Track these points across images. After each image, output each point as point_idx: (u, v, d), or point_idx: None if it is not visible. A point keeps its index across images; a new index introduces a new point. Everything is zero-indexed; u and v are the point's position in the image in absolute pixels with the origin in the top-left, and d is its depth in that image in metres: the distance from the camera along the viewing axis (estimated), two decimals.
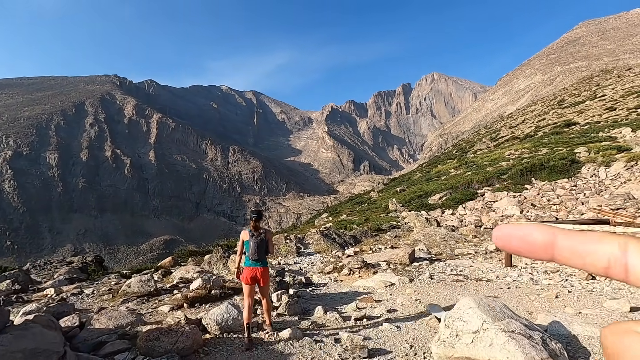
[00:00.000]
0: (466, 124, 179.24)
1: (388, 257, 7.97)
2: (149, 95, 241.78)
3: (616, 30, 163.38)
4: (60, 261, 10.24)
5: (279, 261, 9.37)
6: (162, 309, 5.49)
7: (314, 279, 7.39)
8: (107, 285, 7.58)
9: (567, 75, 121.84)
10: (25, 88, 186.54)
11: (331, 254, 9.51)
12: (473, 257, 7.93)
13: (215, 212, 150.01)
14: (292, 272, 7.93)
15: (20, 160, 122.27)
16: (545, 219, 8.78)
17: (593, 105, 44.18)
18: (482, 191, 15.28)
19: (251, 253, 4.45)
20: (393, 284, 6.53)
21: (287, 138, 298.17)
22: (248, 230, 4.58)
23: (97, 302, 6.38)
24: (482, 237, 8.68)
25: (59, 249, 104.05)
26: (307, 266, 8.76)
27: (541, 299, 5.42)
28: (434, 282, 6.63)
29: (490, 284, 6.32)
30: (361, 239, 10.42)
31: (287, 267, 8.56)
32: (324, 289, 6.64)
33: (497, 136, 54.05)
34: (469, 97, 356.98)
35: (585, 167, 13.62)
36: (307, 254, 10.05)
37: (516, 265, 7.32)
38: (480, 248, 8.46)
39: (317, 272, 7.98)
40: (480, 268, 7.24)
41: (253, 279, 4.53)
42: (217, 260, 8.88)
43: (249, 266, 4.51)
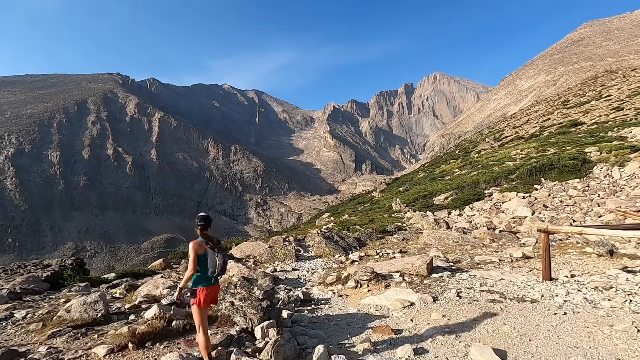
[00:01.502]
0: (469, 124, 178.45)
1: (401, 266, 6.94)
2: (151, 94, 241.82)
3: (620, 31, 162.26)
4: (36, 264, 9.55)
5: (275, 267, 8.59)
6: (96, 352, 4.03)
7: (314, 291, 6.47)
8: (55, 305, 6.13)
9: (571, 75, 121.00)
10: (28, 86, 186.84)
11: (333, 259, 8.83)
12: (498, 266, 6.91)
13: (217, 211, 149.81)
14: (288, 283, 7.20)
15: (22, 158, 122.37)
16: (562, 221, 8.33)
17: (599, 105, 43.59)
18: (489, 191, 14.84)
19: (217, 269, 3.69)
20: (412, 303, 5.37)
21: (289, 137, 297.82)
22: (202, 241, 3.81)
23: (21, 334, 4.93)
24: (500, 241, 7.79)
25: (60, 247, 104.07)
26: (307, 273, 7.94)
27: (621, 334, 4.12)
28: (465, 302, 5.37)
29: (537, 307, 5.05)
30: (366, 242, 9.75)
31: (284, 275, 7.82)
32: (326, 308, 5.54)
33: (500, 136, 53.50)
34: (472, 98, 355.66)
35: (597, 167, 13.17)
36: (307, 258, 9.33)
37: (555, 279, 6.14)
38: (504, 255, 7.42)
39: (318, 282, 7.06)
40: (514, 282, 6.10)
41: (212, 301, 3.81)
42: None
43: (211, 286, 3.74)
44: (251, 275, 6.86)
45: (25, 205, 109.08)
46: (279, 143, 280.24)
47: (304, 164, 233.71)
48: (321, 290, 6.47)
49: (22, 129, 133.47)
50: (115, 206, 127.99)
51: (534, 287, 5.86)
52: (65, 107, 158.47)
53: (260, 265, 8.90)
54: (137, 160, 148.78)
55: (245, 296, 4.71)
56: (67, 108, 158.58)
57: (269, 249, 9.70)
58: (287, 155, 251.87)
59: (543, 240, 5.35)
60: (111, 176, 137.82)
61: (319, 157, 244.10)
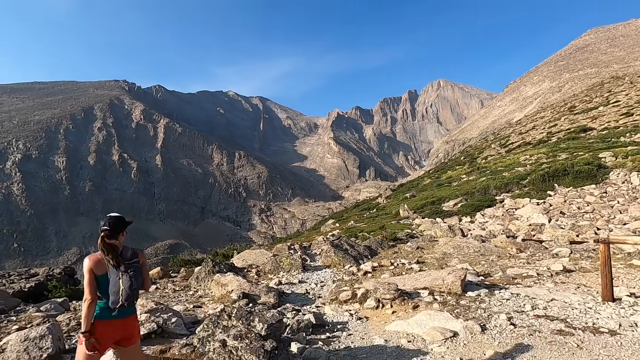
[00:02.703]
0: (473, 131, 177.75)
1: (428, 282, 5.85)
2: (157, 101, 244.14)
3: (626, 38, 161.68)
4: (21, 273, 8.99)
5: (280, 278, 7.80)
6: None
7: (326, 312, 5.39)
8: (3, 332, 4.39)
9: (576, 82, 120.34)
10: (36, 92, 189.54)
11: (344, 269, 8.14)
12: (539, 282, 5.87)
13: (221, 217, 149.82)
14: (295, 299, 6.31)
15: (29, 164, 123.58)
16: (585, 229, 7.92)
17: (607, 111, 43.05)
18: (500, 197, 14.45)
19: (120, 296, 2.47)
20: (455, 334, 4.15)
21: (293, 143, 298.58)
22: (103, 255, 2.56)
23: None
24: (528, 250, 6.93)
25: (65, 252, 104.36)
26: (316, 287, 7.14)
27: None
28: (523, 333, 4.08)
29: (623, 342, 3.76)
30: (377, 251, 9.13)
31: (290, 288, 7.07)
32: (344, 337, 4.45)
33: (506, 142, 52.97)
34: (476, 104, 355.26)
35: (614, 173, 12.78)
36: (314, 269, 8.64)
37: (618, 299, 4.96)
38: (540, 268, 6.43)
39: (330, 298, 6.05)
40: (570, 303, 4.96)
41: (119, 342, 2.57)
42: (206, 275, 7.53)
43: (113, 320, 2.51)
44: (253, 291, 6.03)
45: (31, 211, 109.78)
46: (283, 149, 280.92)
47: (307, 170, 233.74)
48: (335, 310, 5.46)
49: (30, 135, 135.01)
50: (120, 212, 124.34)
51: (599, 311, 4.71)
52: (72, 114, 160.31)
53: (264, 277, 8.33)
54: (142, 166, 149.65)
55: (242, 332, 3.48)
56: (74, 114, 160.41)
57: (273, 258, 9.10)
58: (291, 161, 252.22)
59: (602, 252, 4.51)
60: (116, 182, 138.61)
61: (322, 164, 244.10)
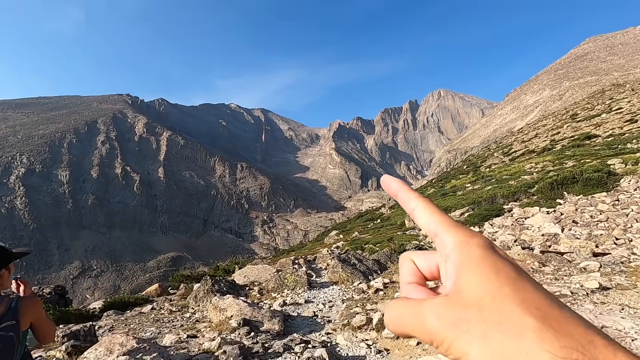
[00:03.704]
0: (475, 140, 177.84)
1: None
2: (160, 114, 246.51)
3: (624, 46, 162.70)
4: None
5: (285, 297, 7.24)
6: None
7: (339, 342, 4.73)
8: None
9: (577, 90, 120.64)
10: (40, 107, 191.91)
11: (352, 286, 7.57)
12: (575, 302, 4.96)
13: (223, 229, 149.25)
14: (302, 324, 5.64)
15: (32, 178, 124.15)
16: (603, 239, 7.58)
17: (610, 118, 42.83)
18: (508, 206, 14.12)
19: None
20: None
21: (295, 155, 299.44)
22: None
23: None
24: (551, 264, 6.36)
25: (67, 266, 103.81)
26: (324, 307, 6.53)
27: None
28: None
29: None
30: (386, 265, 8.60)
31: (296, 310, 6.48)
32: None
33: (509, 150, 52.70)
34: (476, 113, 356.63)
35: (625, 180, 12.47)
36: (321, 286, 8.08)
37: None
38: (572, 285, 5.54)
39: (342, 323, 5.35)
40: (624, 330, 4.04)
41: None
42: (204, 295, 7.07)
43: None
44: (254, 317, 5.44)
45: (34, 225, 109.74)
46: (285, 160, 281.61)
47: (309, 181, 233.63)
48: (349, 340, 4.76)
49: (34, 149, 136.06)
50: (122, 225, 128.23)
51: None
52: (75, 128, 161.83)
53: (267, 295, 7.81)
54: (145, 179, 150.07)
55: None
56: (77, 128, 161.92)
57: (276, 274, 8.57)
58: (293, 172, 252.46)
59: None
60: (119, 195, 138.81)
61: (324, 174, 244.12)
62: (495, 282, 0.31)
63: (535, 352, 0.26)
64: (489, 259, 0.33)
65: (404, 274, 0.41)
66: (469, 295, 0.31)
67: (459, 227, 0.37)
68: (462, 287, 0.32)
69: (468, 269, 0.32)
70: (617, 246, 7.02)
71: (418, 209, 0.40)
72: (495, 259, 0.33)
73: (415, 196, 0.41)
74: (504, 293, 0.29)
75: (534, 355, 0.26)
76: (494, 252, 0.34)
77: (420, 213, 0.39)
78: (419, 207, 0.40)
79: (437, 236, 0.37)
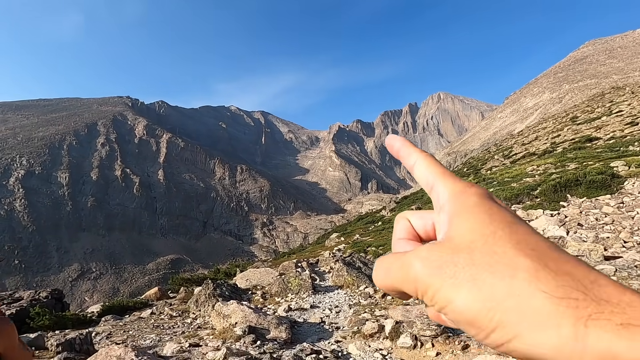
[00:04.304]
0: (474, 142, 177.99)
1: None
2: (160, 116, 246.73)
3: (624, 49, 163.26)
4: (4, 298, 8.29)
5: (289, 302, 7.01)
6: None
7: (351, 352, 4.48)
8: None
9: (577, 92, 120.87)
10: (40, 109, 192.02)
11: (359, 291, 7.32)
12: None
13: (222, 231, 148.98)
14: (310, 331, 5.31)
15: (32, 180, 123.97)
16: (611, 242, 7.51)
17: (610, 120, 42.83)
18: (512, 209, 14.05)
19: None
20: None
21: (295, 157, 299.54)
22: None
23: None
24: None
25: (66, 268, 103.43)
26: (331, 313, 6.28)
27: None
28: None
29: None
30: None
31: (301, 315, 6.23)
32: None
33: (510, 153, 52.65)
34: (476, 116, 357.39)
35: (629, 182, 12.39)
36: (325, 290, 7.83)
37: None
38: None
39: (352, 331, 5.01)
40: None
41: None
42: (206, 299, 6.89)
43: None
44: (260, 324, 5.17)
45: (33, 227, 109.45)
46: (285, 163, 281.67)
47: (309, 184, 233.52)
48: (362, 349, 4.46)
49: (33, 151, 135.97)
50: (122, 227, 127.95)
51: None
52: (75, 130, 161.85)
53: (270, 300, 7.59)
54: (145, 181, 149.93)
55: None
56: (77, 130, 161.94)
57: (279, 277, 8.36)
58: (293, 174, 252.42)
59: None
60: (118, 197, 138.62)
61: (324, 177, 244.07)
62: (489, 226, 0.28)
63: (528, 292, 0.23)
64: (484, 205, 0.30)
65: (397, 231, 0.39)
66: (459, 241, 0.28)
67: (456, 178, 0.34)
68: (454, 234, 0.29)
69: (461, 216, 0.30)
70: (627, 249, 6.92)
71: (418, 162, 0.38)
72: (491, 205, 0.30)
73: (417, 151, 0.40)
74: (498, 236, 0.27)
75: (527, 295, 0.23)
76: (491, 200, 0.31)
77: (419, 166, 0.38)
78: (418, 161, 0.38)
79: (432, 189, 0.35)
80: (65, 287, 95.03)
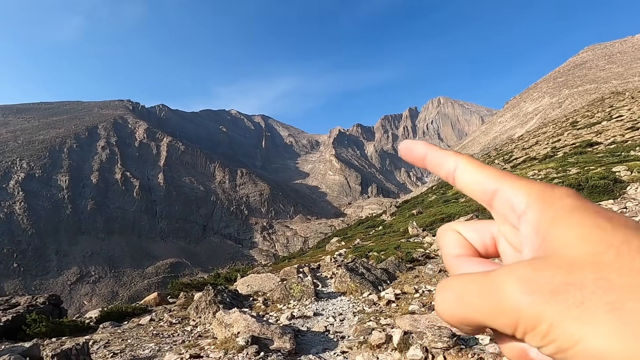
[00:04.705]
0: (474, 147, 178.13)
1: None
2: (160, 120, 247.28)
3: (623, 54, 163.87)
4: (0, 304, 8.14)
5: (292, 309, 6.82)
6: None
7: None
8: None
9: (576, 97, 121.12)
10: (41, 112, 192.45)
11: (362, 297, 7.15)
12: None
13: (222, 235, 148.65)
14: (314, 340, 5.14)
15: (32, 183, 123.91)
16: None
17: (611, 125, 42.85)
18: None
19: None
20: None
21: (295, 161, 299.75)
22: None
23: None
24: None
25: (65, 272, 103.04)
26: (335, 321, 6.08)
27: None
28: None
29: None
30: (395, 274, 8.19)
31: (305, 324, 6.02)
32: None
33: (510, 157, 52.65)
34: (476, 121, 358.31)
35: (631, 187, 12.33)
36: (328, 296, 7.64)
37: None
38: None
39: (358, 341, 4.82)
40: None
41: None
42: (206, 306, 6.73)
43: None
44: (264, 333, 4.96)
45: (32, 230, 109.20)
46: (285, 167, 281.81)
47: (309, 187, 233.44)
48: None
49: (34, 154, 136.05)
50: (121, 230, 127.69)
51: None
52: (76, 133, 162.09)
53: (272, 307, 7.42)
54: (145, 185, 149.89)
55: None
56: (78, 134, 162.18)
57: (281, 283, 8.21)
58: (293, 178, 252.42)
59: None
60: (118, 200, 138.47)
61: (324, 181, 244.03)
62: (613, 232, 0.19)
63: None
64: (588, 207, 0.22)
65: (448, 245, 0.31)
66: (574, 254, 0.19)
67: (527, 180, 0.26)
68: (559, 246, 0.21)
69: (561, 224, 0.21)
70: None
71: (461, 166, 0.31)
72: (595, 206, 0.22)
73: (454, 154, 0.32)
74: (635, 246, 0.18)
75: None
76: (590, 201, 0.23)
77: (465, 172, 0.30)
78: (461, 165, 0.31)
79: (496, 195, 0.27)
80: (64, 290, 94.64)
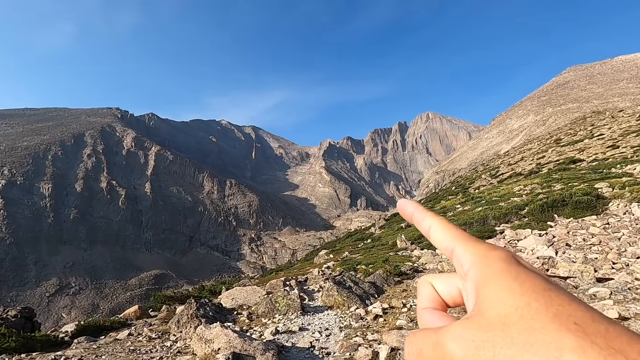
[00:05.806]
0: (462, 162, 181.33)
1: None
2: (149, 128, 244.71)
3: (603, 75, 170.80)
4: None
5: (277, 324, 6.68)
6: None
7: None
8: None
9: (560, 116, 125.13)
10: (26, 118, 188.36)
11: (349, 312, 7.03)
12: None
13: (209, 246, 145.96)
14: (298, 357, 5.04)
15: (13, 190, 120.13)
16: (600, 263, 7.50)
17: (592, 143, 44.24)
18: (500, 228, 14.10)
19: None
20: None
21: (285, 172, 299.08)
22: None
23: None
24: None
25: (43, 283, 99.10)
26: (321, 337, 5.98)
27: None
28: None
29: None
30: (383, 288, 8.08)
31: (290, 339, 5.84)
32: None
33: (496, 173, 53.63)
34: (464, 136, 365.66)
35: (613, 204, 12.63)
36: (314, 310, 7.49)
37: None
38: None
39: (343, 357, 4.92)
40: None
41: None
42: (188, 320, 6.49)
43: None
44: (245, 350, 4.79)
45: (11, 239, 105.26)
46: (275, 178, 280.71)
47: (299, 199, 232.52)
48: None
49: (16, 161, 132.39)
50: (105, 240, 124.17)
51: None
52: (61, 140, 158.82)
53: (257, 321, 7.19)
54: (131, 194, 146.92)
55: None
56: (63, 141, 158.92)
57: (266, 297, 8.01)
58: (283, 190, 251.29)
59: None
60: (103, 209, 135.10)
61: (314, 193, 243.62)
62: (520, 296, 0.25)
63: None
64: (511, 271, 0.28)
65: (420, 297, 0.37)
66: (492, 315, 0.25)
67: (475, 240, 0.33)
68: (484, 307, 0.26)
69: (489, 285, 0.27)
70: (617, 271, 6.93)
71: (433, 226, 0.37)
72: (519, 271, 0.28)
73: (430, 215, 0.39)
74: (533, 308, 0.24)
75: None
76: (518, 264, 0.29)
77: (435, 231, 0.37)
78: (434, 225, 0.37)
79: (452, 253, 0.33)
80: (41, 302, 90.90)
